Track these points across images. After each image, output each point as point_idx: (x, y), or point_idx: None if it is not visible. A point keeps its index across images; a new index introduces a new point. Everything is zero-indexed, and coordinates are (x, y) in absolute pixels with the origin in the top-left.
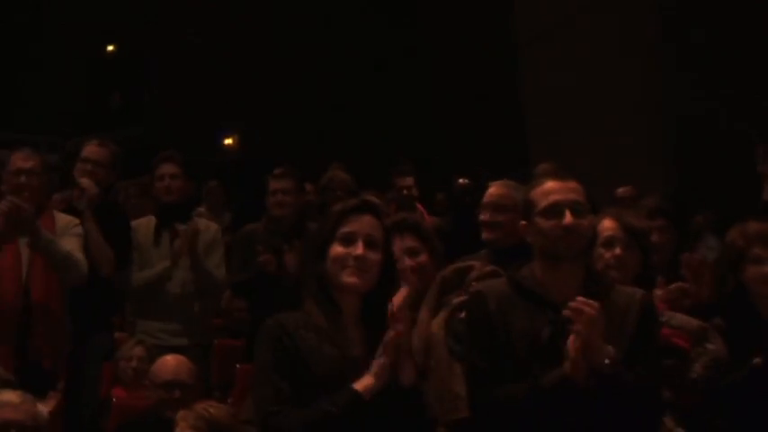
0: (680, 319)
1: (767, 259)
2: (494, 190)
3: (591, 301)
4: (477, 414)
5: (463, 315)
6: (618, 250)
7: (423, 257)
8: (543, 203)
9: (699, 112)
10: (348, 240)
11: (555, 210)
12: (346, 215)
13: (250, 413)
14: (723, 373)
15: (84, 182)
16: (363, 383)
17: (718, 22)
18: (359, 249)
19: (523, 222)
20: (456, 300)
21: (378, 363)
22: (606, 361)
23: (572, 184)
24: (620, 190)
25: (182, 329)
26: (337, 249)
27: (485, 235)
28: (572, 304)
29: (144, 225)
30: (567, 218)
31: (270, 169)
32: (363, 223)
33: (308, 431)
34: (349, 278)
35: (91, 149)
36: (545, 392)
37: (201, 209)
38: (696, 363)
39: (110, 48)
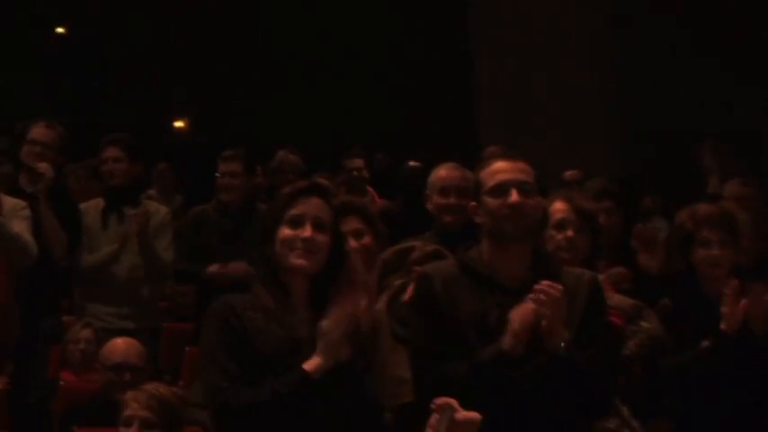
0: (615, 298)
1: (715, 242)
2: (448, 173)
3: (556, 285)
4: (421, 396)
5: (406, 297)
6: (570, 232)
7: (367, 239)
8: (491, 183)
9: (651, 98)
10: (296, 223)
11: (502, 189)
12: (294, 198)
13: (200, 396)
14: (665, 352)
15: (43, 166)
16: (312, 363)
17: (670, 10)
18: (307, 232)
19: (473, 203)
20: (397, 282)
21: (325, 341)
22: (562, 344)
23: (521, 165)
24: (568, 173)
25: (130, 313)
26: (285, 232)
27: (449, 219)
28: (538, 287)
29: (92, 208)
30: (513, 196)
31: (221, 152)
32: (311, 205)
33: (257, 411)
34: (297, 260)
35: (39, 131)
36: (483, 368)
37: (152, 191)
38: (630, 341)
39: (59, 30)
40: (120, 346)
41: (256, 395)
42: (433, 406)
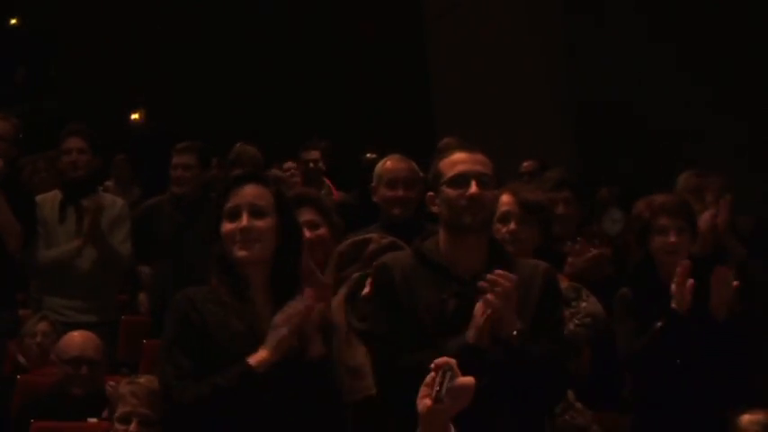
0: None
1: (671, 229)
2: (395, 165)
3: (508, 274)
4: (382, 387)
5: (366, 291)
6: (512, 225)
7: (321, 230)
8: (450, 173)
9: (605, 91)
10: (234, 215)
11: (461, 180)
12: (229, 189)
13: None
14: (615, 336)
15: None
16: (258, 357)
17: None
18: (243, 221)
19: (430, 193)
20: (355, 275)
21: (275, 335)
22: (514, 332)
23: (479, 157)
24: (525, 164)
25: (88, 306)
26: (226, 226)
27: (397, 211)
28: (490, 276)
29: (49, 200)
30: (473, 188)
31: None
32: (245, 194)
33: (202, 406)
34: (239, 252)
35: None
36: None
37: (109, 183)
38: (569, 322)
39: (13, 21)
40: (76, 339)
41: (201, 390)
42: (431, 365)
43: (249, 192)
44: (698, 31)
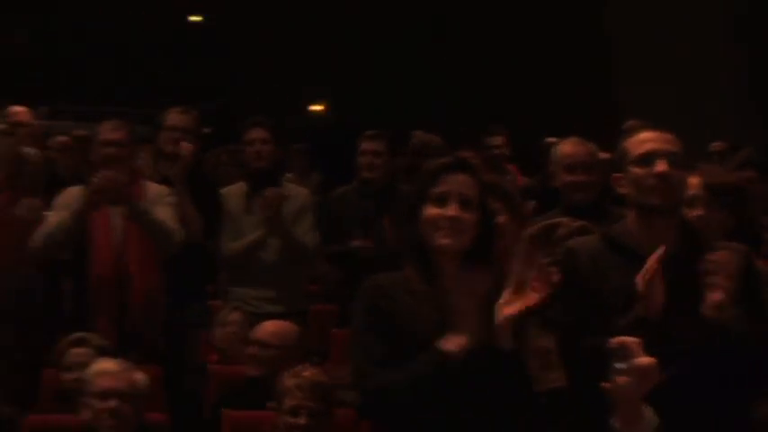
0: None
1: None
2: (574, 149)
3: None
4: (572, 375)
5: (556, 279)
6: (699, 210)
7: (502, 218)
8: (637, 152)
9: None
10: (441, 201)
11: (649, 158)
12: (438, 174)
13: (347, 378)
14: None
15: (184, 145)
16: (452, 343)
17: None
18: (452, 210)
19: (617, 174)
20: (544, 261)
21: (468, 322)
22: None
23: (667, 136)
24: (714, 144)
25: (277, 296)
26: (430, 211)
27: (578, 196)
28: (712, 256)
29: (234, 192)
30: (661, 166)
31: (357, 133)
32: (456, 182)
33: (397, 393)
34: (443, 240)
35: (175, 117)
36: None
37: (290, 175)
38: None
39: (193, 18)
40: (273, 326)
41: (395, 377)
42: (610, 345)
43: (460, 180)
44: None
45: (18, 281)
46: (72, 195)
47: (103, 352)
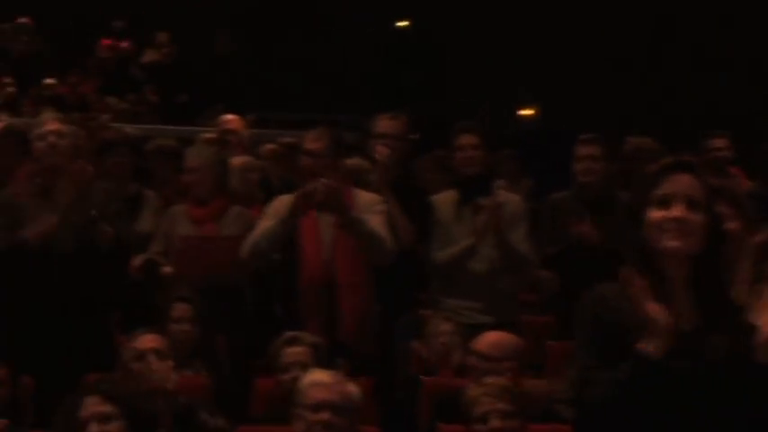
0: None
1: None
2: None
3: None
4: None
5: None
6: None
7: (733, 224)
8: None
9: None
10: (665, 202)
11: None
12: (661, 176)
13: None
14: None
15: (380, 150)
16: (651, 344)
17: None
18: (677, 211)
19: None
20: None
21: (659, 320)
22: None
23: None
24: None
25: (487, 307)
26: (654, 213)
27: None
28: None
29: (444, 200)
30: None
31: (569, 139)
32: (680, 183)
33: (608, 402)
34: (670, 242)
35: (385, 123)
36: None
37: (501, 181)
38: None
39: (400, 24)
40: (497, 337)
41: (605, 389)
42: None
43: (685, 181)
44: None
45: (228, 291)
46: (282, 204)
47: (317, 350)
